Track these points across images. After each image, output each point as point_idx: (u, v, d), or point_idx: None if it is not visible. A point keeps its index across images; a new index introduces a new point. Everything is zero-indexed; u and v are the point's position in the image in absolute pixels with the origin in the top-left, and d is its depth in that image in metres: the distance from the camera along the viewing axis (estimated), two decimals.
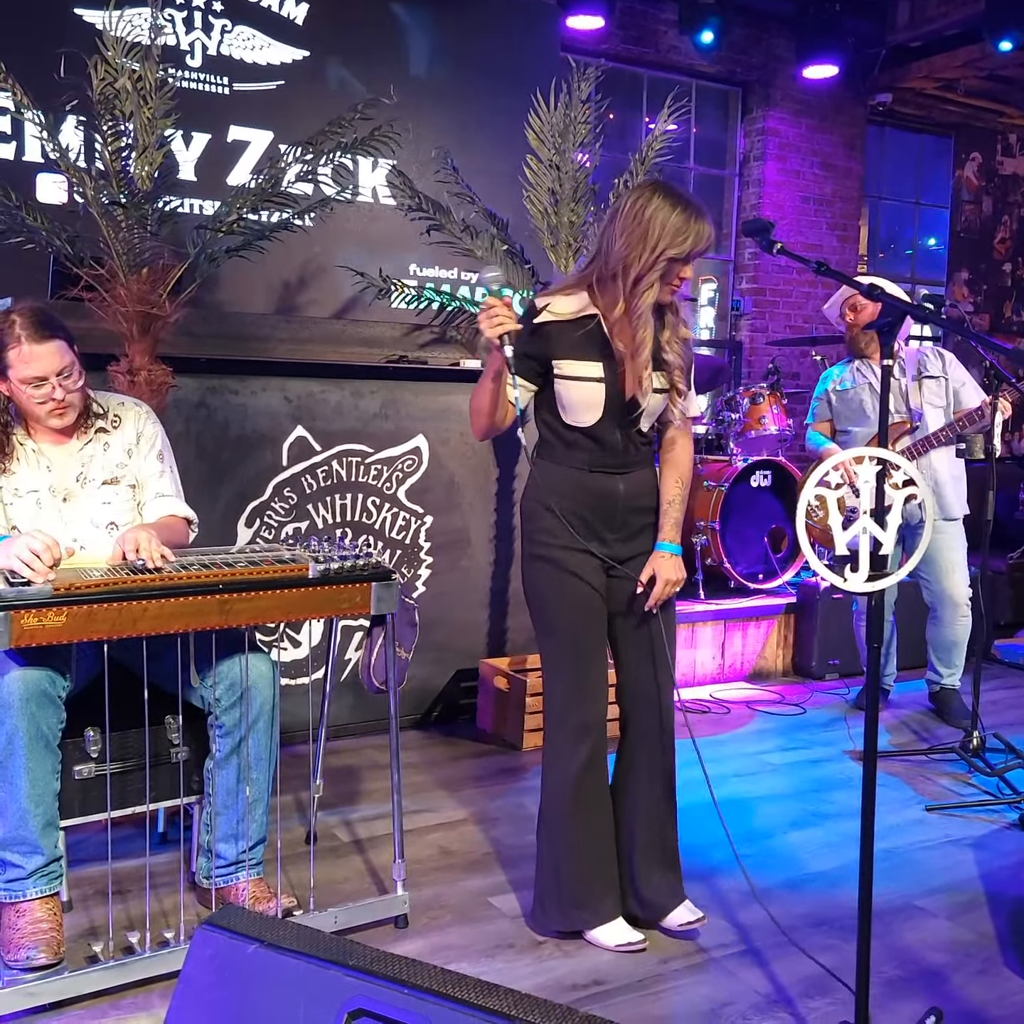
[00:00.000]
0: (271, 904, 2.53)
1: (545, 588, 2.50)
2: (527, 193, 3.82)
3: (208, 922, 1.54)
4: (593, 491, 2.46)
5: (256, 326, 3.80)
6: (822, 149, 7.69)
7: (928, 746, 4.00)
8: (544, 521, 2.48)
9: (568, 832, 2.52)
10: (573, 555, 2.46)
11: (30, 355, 2.42)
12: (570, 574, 2.46)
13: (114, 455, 2.65)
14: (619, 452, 2.47)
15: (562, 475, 2.48)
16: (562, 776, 2.51)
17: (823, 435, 4.37)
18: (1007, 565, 5.78)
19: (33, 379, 2.44)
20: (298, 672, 3.87)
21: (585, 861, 2.52)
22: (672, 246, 2.30)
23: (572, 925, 2.56)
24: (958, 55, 7.06)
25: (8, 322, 2.43)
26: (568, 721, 2.50)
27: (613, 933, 2.54)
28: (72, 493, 2.58)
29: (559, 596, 2.48)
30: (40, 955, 2.26)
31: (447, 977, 1.40)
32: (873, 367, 4.23)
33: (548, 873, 2.56)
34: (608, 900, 2.55)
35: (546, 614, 2.51)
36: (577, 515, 2.45)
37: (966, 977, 2.48)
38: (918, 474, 2.01)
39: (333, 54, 5.13)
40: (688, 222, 2.30)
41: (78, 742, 2.45)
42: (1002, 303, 8.92)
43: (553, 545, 2.47)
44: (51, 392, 2.47)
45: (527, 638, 4.34)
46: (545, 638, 2.54)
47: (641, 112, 7.25)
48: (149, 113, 3.18)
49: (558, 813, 2.53)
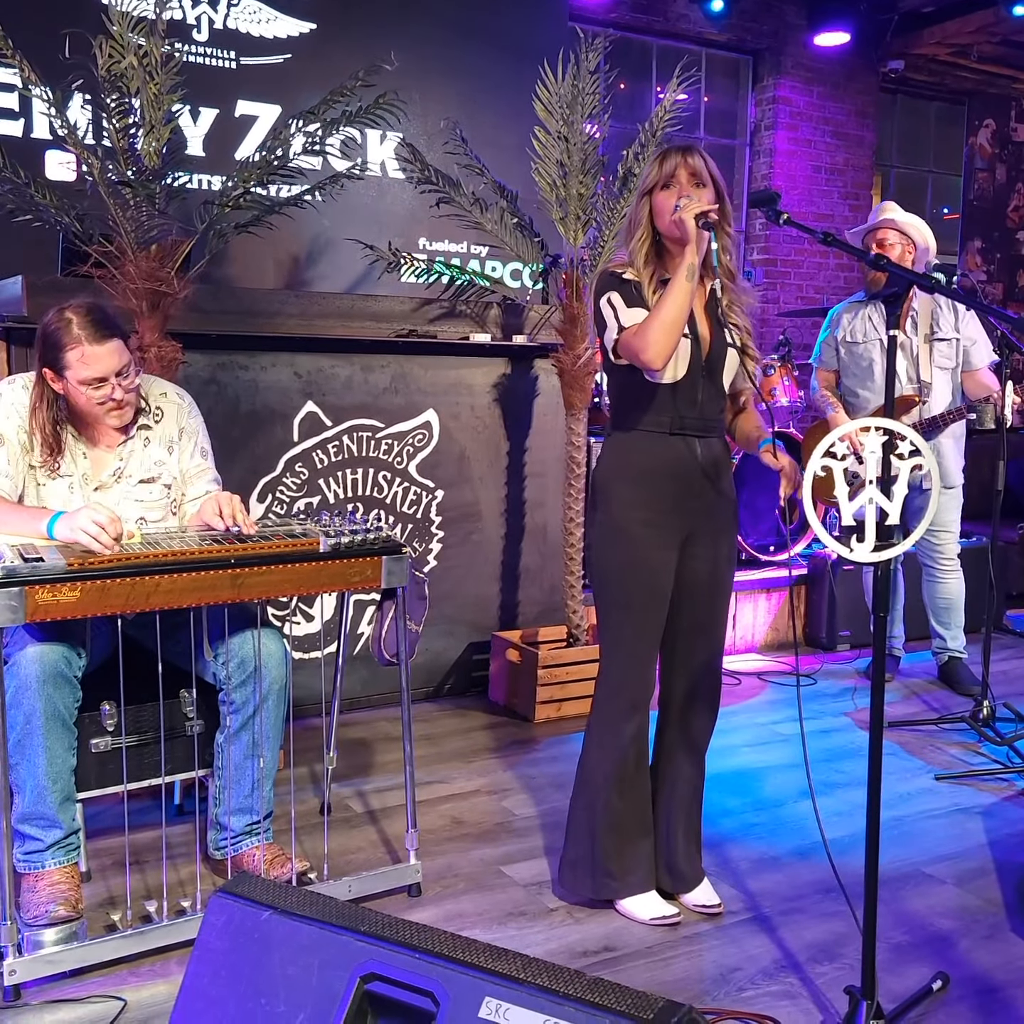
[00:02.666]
0: (286, 868, 2.57)
1: (619, 562, 2.47)
2: (535, 165, 3.80)
3: (223, 890, 1.58)
4: (671, 458, 2.44)
5: (265, 301, 3.80)
6: (834, 118, 7.62)
7: (938, 716, 4.02)
8: (622, 493, 2.47)
9: (610, 801, 2.53)
10: (650, 530, 2.44)
11: (92, 356, 2.40)
12: (646, 550, 2.45)
13: (154, 452, 2.64)
14: (700, 410, 2.45)
15: (640, 443, 2.46)
16: (610, 747, 2.53)
17: (829, 390, 4.30)
18: (1019, 535, 5.76)
19: (93, 380, 2.42)
20: (311, 646, 3.90)
21: (623, 831, 2.54)
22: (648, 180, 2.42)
23: (603, 893, 2.58)
24: (971, 20, 6.97)
25: (64, 320, 2.40)
26: (623, 695, 2.51)
27: (647, 906, 2.56)
28: (105, 485, 2.58)
29: (632, 572, 2.46)
30: (59, 908, 2.31)
31: (457, 942, 1.43)
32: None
33: (582, 840, 2.57)
34: (641, 872, 2.57)
35: (616, 589, 2.49)
36: (657, 485, 2.44)
37: (973, 943, 2.50)
38: (924, 444, 2.01)
39: (340, 27, 5.10)
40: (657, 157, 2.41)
41: (94, 716, 2.48)
42: (1015, 271, 8.84)
43: (632, 519, 2.45)
44: (111, 392, 2.45)
45: (538, 611, 4.37)
46: (610, 611, 2.52)
47: (651, 82, 7.18)
48: (155, 89, 3.17)
49: (601, 782, 2.53)
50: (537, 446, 4.33)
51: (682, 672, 2.58)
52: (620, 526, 2.46)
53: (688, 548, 2.49)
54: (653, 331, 2.29)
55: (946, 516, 4.22)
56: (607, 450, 2.55)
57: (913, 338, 4.08)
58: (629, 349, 2.36)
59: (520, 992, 1.32)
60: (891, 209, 4.07)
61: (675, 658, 2.58)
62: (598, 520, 2.53)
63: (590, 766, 2.58)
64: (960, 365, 4.10)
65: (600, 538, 2.53)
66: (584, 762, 2.60)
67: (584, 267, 3.85)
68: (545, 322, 4.18)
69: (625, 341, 2.37)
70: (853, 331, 4.20)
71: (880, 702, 2.05)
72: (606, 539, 2.51)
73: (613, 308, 2.40)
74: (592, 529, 2.57)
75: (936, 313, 4.09)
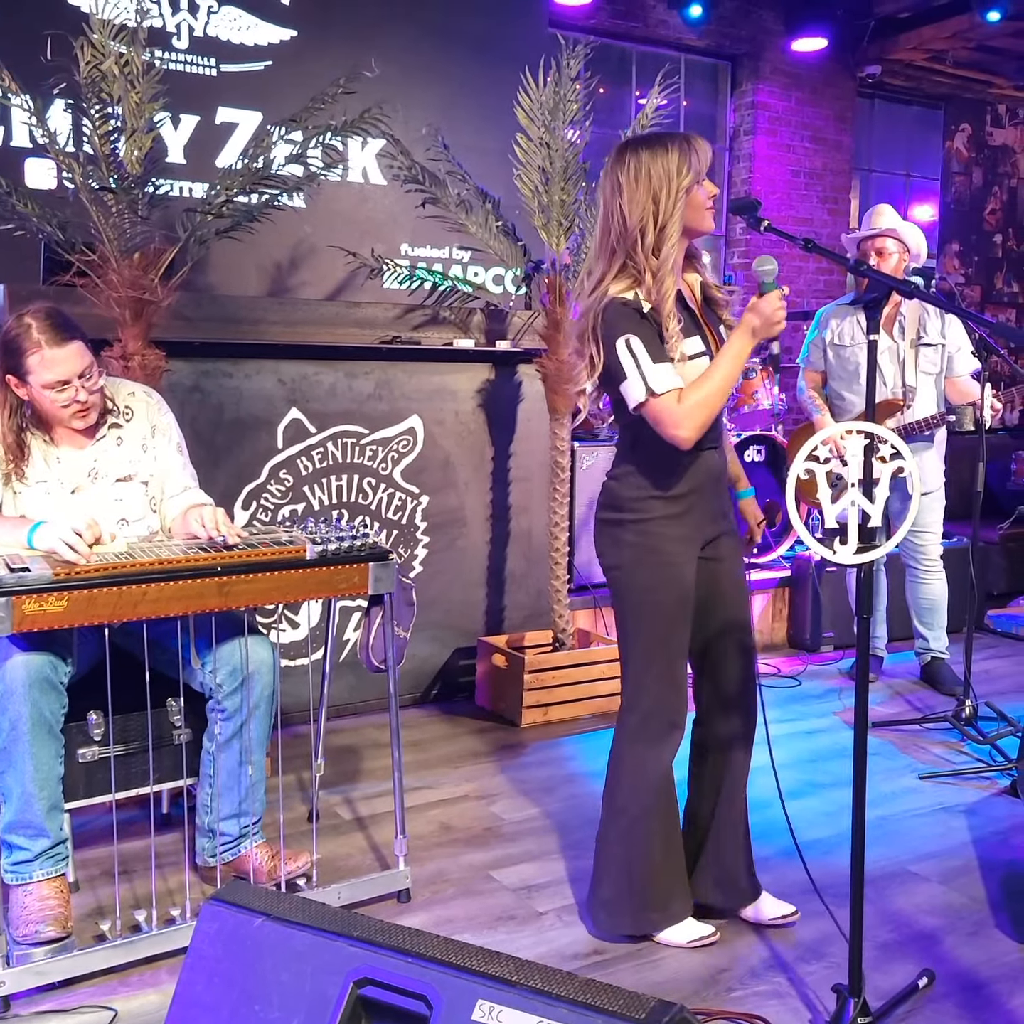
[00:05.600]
0: (294, 862, 2.58)
1: (653, 581, 2.39)
2: (517, 172, 3.82)
3: (215, 897, 1.58)
4: (701, 471, 2.37)
5: (249, 309, 3.81)
6: (812, 122, 7.66)
7: (921, 715, 4.05)
8: (655, 511, 2.37)
9: (648, 831, 2.45)
10: (682, 545, 2.39)
11: (53, 360, 2.41)
12: (680, 566, 2.39)
13: (127, 450, 2.65)
14: (715, 422, 2.36)
15: (667, 460, 2.34)
16: (650, 773, 2.45)
17: (816, 391, 4.33)
18: (999, 536, 5.82)
19: (56, 383, 2.44)
20: (297, 653, 3.90)
21: (660, 860, 2.46)
22: (685, 176, 2.24)
23: (643, 929, 2.49)
24: (947, 26, 7.02)
25: (23, 326, 2.41)
26: (661, 716, 2.44)
27: (684, 931, 2.49)
28: (82, 487, 2.59)
29: (664, 590, 2.39)
30: (48, 929, 2.30)
31: (450, 946, 1.44)
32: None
33: (619, 876, 2.48)
34: (679, 900, 2.49)
35: (646, 607, 2.41)
36: (689, 500, 2.38)
37: (958, 939, 2.53)
38: (906, 448, 2.03)
39: (320, 34, 5.10)
40: (681, 149, 2.25)
41: (81, 726, 2.48)
42: (993, 274, 8.92)
43: (665, 536, 2.37)
44: (75, 395, 2.47)
45: (524, 616, 4.38)
46: (640, 629, 2.43)
47: (630, 87, 7.21)
48: (137, 97, 3.17)
49: (638, 812, 2.44)
50: (521, 451, 4.34)
51: (718, 679, 2.53)
52: (653, 545, 2.37)
53: (708, 551, 2.45)
54: (696, 415, 2.20)
55: (928, 517, 4.25)
56: (631, 467, 2.40)
57: (900, 343, 4.11)
58: (659, 420, 2.24)
59: (513, 994, 1.33)
60: (886, 214, 4.08)
61: (709, 666, 2.53)
62: (627, 540, 2.39)
63: (624, 796, 2.47)
64: (944, 371, 4.14)
65: (631, 558, 2.40)
66: (615, 793, 2.49)
67: (567, 272, 3.87)
68: (528, 327, 4.19)
69: (655, 411, 2.23)
70: (841, 334, 4.22)
71: (864, 702, 2.07)
72: (638, 558, 2.39)
73: (635, 360, 2.23)
74: (616, 549, 2.42)
75: (923, 318, 4.12)
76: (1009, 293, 8.99)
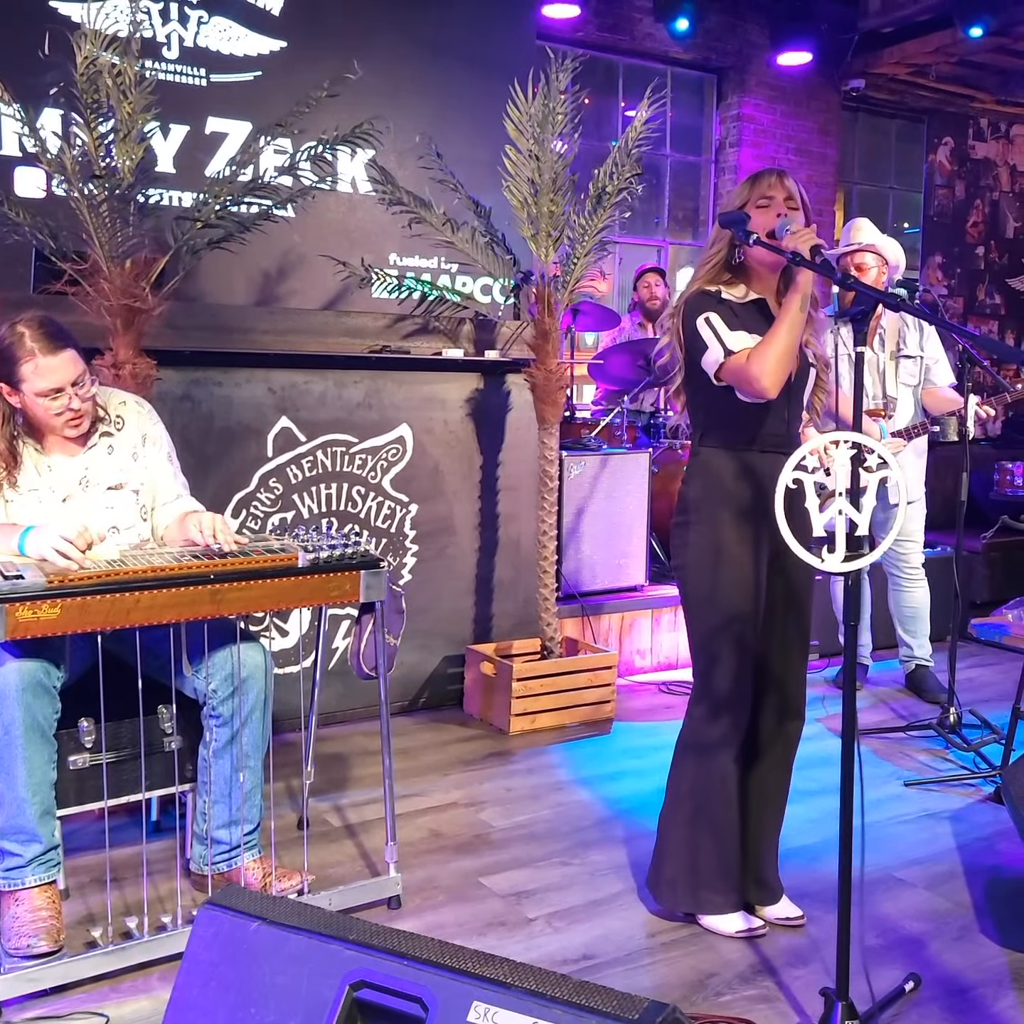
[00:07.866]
0: (288, 880, 2.60)
1: (720, 582, 2.46)
2: (507, 183, 3.84)
3: (211, 901, 1.59)
4: (765, 476, 2.41)
5: (239, 318, 3.82)
6: (797, 135, 7.74)
7: (906, 723, 4.09)
8: (717, 512, 2.46)
9: (711, 817, 2.53)
10: (747, 547, 2.45)
11: (46, 368, 2.43)
12: (746, 567, 2.46)
13: (118, 459, 2.67)
14: (787, 427, 2.49)
15: (731, 462, 2.47)
16: (714, 768, 2.52)
17: None
18: (982, 545, 5.87)
19: (50, 391, 2.45)
20: (287, 661, 3.90)
21: (721, 847, 2.54)
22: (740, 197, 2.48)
23: (702, 908, 2.58)
24: (929, 41, 7.12)
25: (16, 334, 2.43)
26: (726, 715, 2.51)
27: (733, 921, 2.57)
28: (73, 495, 2.60)
29: (735, 591, 2.46)
30: (41, 943, 2.30)
31: (444, 949, 1.45)
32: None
33: (683, 855, 2.57)
34: (737, 891, 2.59)
35: (718, 609, 2.48)
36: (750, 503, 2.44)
37: (944, 944, 2.55)
38: (892, 457, 2.07)
39: (310, 44, 5.13)
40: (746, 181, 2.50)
41: (72, 733, 2.48)
42: (975, 286, 9.01)
43: (729, 538, 2.45)
44: (68, 403, 2.49)
45: (512, 624, 4.40)
46: (710, 631, 2.50)
47: (617, 99, 7.27)
48: (129, 108, 3.19)
49: (702, 799, 2.54)
50: (510, 460, 4.37)
51: (775, 685, 2.58)
52: (718, 545, 2.46)
53: (776, 563, 2.49)
54: (768, 360, 2.30)
55: (911, 526, 4.31)
56: (696, 469, 2.53)
57: (880, 354, 4.17)
58: (738, 375, 2.36)
59: (508, 996, 1.35)
60: (864, 228, 4.12)
61: (768, 672, 2.57)
62: (691, 541, 2.50)
63: (688, 783, 2.57)
64: (921, 384, 4.20)
65: (696, 559, 2.50)
66: (680, 779, 2.59)
67: (556, 283, 3.90)
68: (517, 337, 4.22)
69: (734, 367, 2.36)
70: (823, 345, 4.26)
71: (852, 710, 2.10)
72: (704, 559, 2.48)
73: (713, 329, 2.38)
74: (684, 550, 2.53)
75: (903, 331, 4.19)
76: (991, 305, 9.09)
